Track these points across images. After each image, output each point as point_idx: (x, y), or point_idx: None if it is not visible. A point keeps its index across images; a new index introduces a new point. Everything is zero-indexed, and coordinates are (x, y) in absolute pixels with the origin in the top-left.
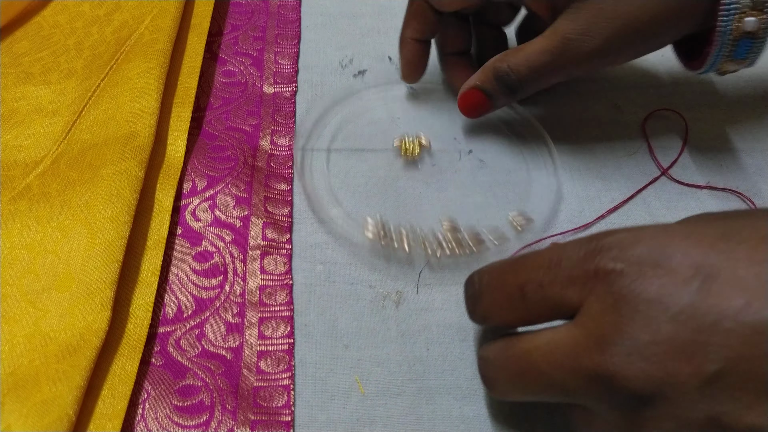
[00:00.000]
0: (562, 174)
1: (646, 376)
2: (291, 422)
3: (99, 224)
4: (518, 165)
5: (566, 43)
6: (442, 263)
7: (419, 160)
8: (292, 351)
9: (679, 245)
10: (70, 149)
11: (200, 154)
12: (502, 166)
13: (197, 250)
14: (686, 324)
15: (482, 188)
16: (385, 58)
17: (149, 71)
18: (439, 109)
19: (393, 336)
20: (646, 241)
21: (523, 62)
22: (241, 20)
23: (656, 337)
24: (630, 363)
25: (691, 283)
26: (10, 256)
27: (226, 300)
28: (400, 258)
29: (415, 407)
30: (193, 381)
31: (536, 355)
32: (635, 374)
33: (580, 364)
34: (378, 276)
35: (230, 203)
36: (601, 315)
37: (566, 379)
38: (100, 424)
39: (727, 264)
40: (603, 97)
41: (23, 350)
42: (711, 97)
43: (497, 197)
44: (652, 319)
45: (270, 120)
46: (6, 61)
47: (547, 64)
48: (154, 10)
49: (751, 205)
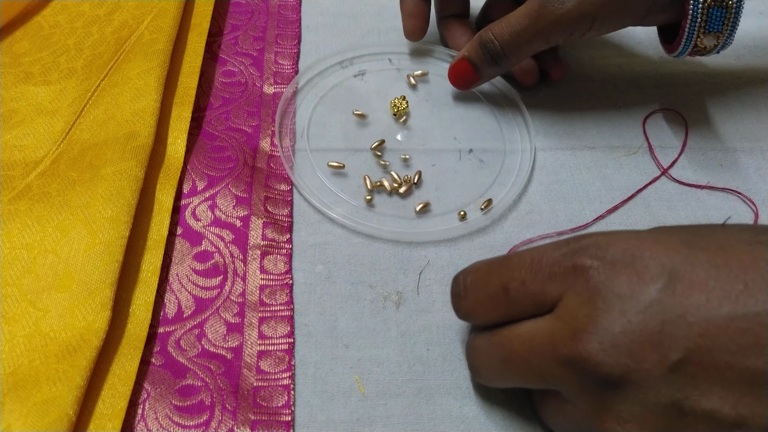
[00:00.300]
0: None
1: (615, 362)
2: (291, 422)
3: (99, 224)
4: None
5: (544, 6)
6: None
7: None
8: (292, 351)
9: (648, 248)
10: (70, 149)
11: (200, 154)
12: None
13: (197, 250)
14: (654, 317)
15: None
16: (384, 56)
17: (149, 71)
18: (438, 109)
19: (393, 336)
20: (620, 243)
21: (505, 29)
22: (241, 20)
23: (626, 328)
24: (602, 350)
25: (658, 281)
26: (10, 256)
27: (226, 300)
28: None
29: (415, 407)
30: (193, 381)
31: (517, 342)
32: (606, 360)
33: (557, 350)
34: (378, 276)
35: (230, 203)
36: (577, 307)
37: (543, 364)
38: (100, 424)
39: (690, 267)
40: (603, 97)
41: (23, 350)
42: (711, 97)
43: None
44: (623, 312)
45: (270, 120)
46: (6, 61)
47: (527, 28)
48: (154, 10)
49: (751, 205)
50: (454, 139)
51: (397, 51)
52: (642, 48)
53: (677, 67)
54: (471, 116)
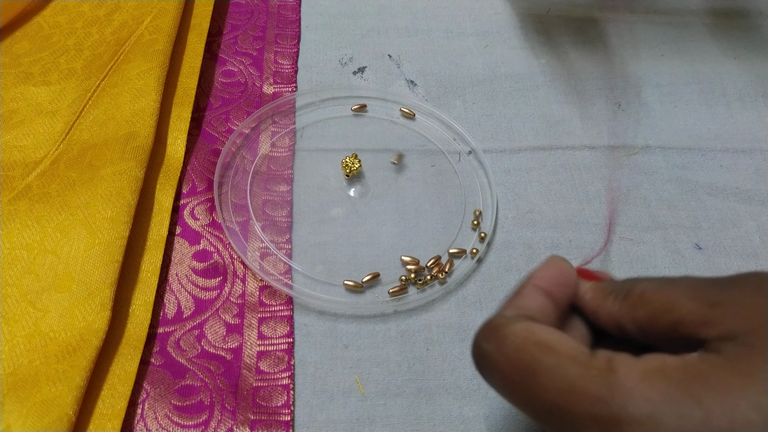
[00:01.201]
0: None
1: None
2: (290, 422)
3: (99, 224)
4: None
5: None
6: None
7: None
8: (292, 350)
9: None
10: (70, 149)
11: (200, 155)
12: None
13: (196, 249)
14: None
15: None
16: (385, 56)
17: (149, 71)
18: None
19: (393, 336)
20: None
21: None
22: (240, 20)
23: None
24: None
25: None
26: (10, 256)
27: (226, 301)
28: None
29: (414, 407)
30: (192, 381)
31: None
32: None
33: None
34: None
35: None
36: None
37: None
38: (99, 424)
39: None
40: (604, 97)
41: (23, 350)
42: (711, 97)
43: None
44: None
45: (270, 121)
46: (6, 61)
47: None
48: (154, 10)
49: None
50: (453, 140)
51: (396, 49)
52: (643, 47)
53: (677, 66)
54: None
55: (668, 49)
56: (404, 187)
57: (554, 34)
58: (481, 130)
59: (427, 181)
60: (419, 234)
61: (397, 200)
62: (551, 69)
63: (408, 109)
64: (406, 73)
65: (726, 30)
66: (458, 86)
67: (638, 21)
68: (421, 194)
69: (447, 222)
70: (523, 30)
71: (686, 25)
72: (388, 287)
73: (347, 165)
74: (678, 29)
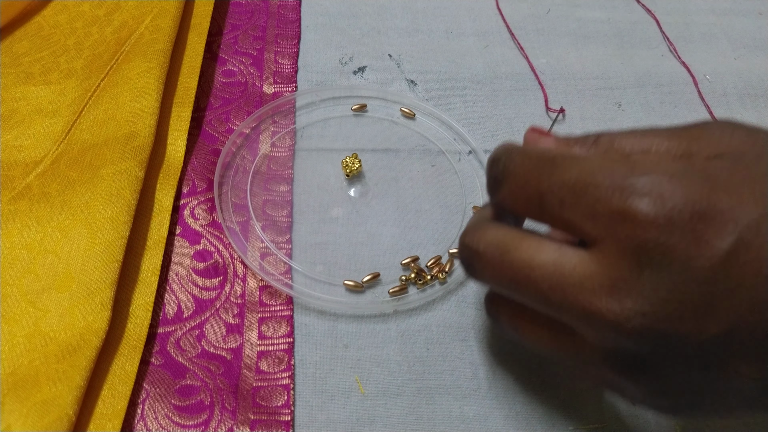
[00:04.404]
0: None
1: (649, 334)
2: (291, 422)
3: (99, 224)
4: None
5: None
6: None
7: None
8: (292, 350)
9: (721, 200)
10: (70, 149)
11: (200, 154)
12: None
13: (196, 249)
14: (705, 287)
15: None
16: (385, 56)
17: (149, 71)
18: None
19: (393, 336)
20: (685, 190)
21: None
22: (241, 20)
23: (671, 296)
24: (638, 320)
25: (724, 242)
26: (10, 256)
27: (226, 301)
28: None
29: (415, 407)
30: (192, 381)
31: (538, 273)
32: (639, 331)
33: (585, 299)
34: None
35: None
36: (618, 259)
37: (564, 305)
38: (100, 424)
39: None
40: (605, 96)
41: (23, 350)
42: (711, 97)
43: None
44: (672, 279)
45: (270, 120)
46: (6, 61)
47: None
48: (154, 10)
49: None
50: (453, 140)
51: (396, 49)
52: (643, 47)
53: (677, 66)
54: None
55: (668, 49)
56: (404, 187)
57: (554, 34)
58: (481, 130)
59: (427, 181)
60: (419, 234)
61: (397, 200)
62: (551, 69)
63: (408, 109)
64: (407, 72)
65: (726, 30)
66: (458, 86)
67: (638, 21)
68: (421, 194)
69: (447, 222)
70: (524, 30)
71: (686, 25)
72: (388, 287)
73: (347, 165)
74: (678, 29)
